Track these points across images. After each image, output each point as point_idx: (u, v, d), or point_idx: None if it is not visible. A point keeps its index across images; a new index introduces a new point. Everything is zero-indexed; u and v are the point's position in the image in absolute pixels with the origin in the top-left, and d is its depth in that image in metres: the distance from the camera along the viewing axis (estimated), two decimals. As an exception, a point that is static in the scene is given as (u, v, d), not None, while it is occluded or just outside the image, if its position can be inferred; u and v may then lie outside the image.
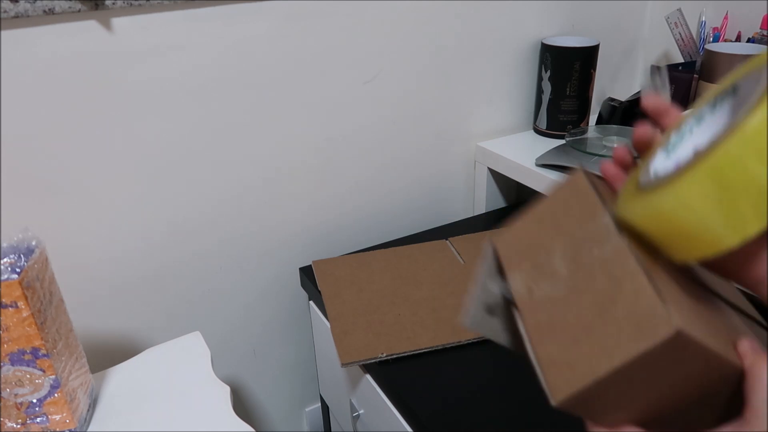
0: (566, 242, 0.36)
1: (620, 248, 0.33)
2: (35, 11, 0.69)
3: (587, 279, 0.34)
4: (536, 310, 0.36)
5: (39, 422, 0.64)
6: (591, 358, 0.31)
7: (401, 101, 1.02)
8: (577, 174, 0.39)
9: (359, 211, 1.07)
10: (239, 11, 0.82)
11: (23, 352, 0.59)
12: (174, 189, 0.88)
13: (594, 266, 0.34)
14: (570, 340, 0.33)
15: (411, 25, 0.96)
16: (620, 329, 0.30)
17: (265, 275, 1.02)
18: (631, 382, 0.31)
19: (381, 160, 1.04)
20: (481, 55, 1.05)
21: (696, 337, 0.29)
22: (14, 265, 0.57)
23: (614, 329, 0.31)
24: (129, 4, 0.74)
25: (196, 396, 0.73)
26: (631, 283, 0.31)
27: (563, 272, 0.35)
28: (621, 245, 0.33)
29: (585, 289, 0.33)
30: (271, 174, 0.95)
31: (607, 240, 0.34)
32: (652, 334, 0.29)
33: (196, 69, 0.82)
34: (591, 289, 0.33)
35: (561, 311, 0.34)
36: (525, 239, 0.39)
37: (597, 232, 0.35)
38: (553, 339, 0.34)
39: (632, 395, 0.32)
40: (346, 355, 0.77)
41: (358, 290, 0.90)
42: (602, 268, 0.33)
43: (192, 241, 0.93)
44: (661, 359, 0.29)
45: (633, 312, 0.30)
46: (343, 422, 1.00)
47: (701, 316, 0.32)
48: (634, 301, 0.30)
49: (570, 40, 1.06)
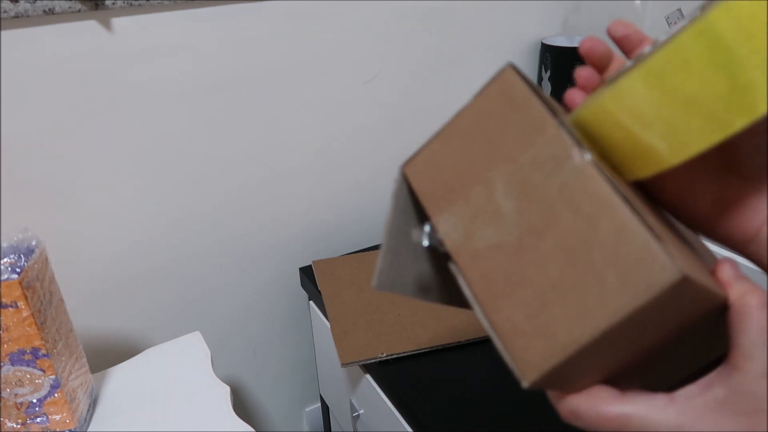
0: (508, 169, 0.28)
1: (584, 170, 0.25)
2: (35, 11, 0.69)
3: (545, 217, 0.26)
4: (481, 263, 0.28)
5: (39, 422, 0.64)
6: (567, 321, 0.25)
7: (401, 101, 1.02)
8: (504, 71, 0.30)
9: (359, 211, 1.07)
10: (239, 11, 0.82)
11: (23, 352, 0.59)
12: (174, 189, 0.88)
13: (552, 198, 0.26)
14: (535, 300, 0.26)
15: (411, 25, 0.96)
16: (602, 280, 0.24)
17: (265, 275, 1.02)
18: (614, 342, 0.25)
19: (381, 160, 1.04)
20: (481, 55, 1.05)
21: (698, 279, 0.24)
22: (14, 265, 0.57)
23: (593, 281, 0.24)
24: (129, 4, 0.74)
25: (196, 396, 0.73)
26: (608, 218, 0.24)
27: (511, 210, 0.27)
28: (584, 166, 0.25)
29: (544, 230, 0.26)
30: (271, 174, 0.95)
31: (564, 160, 0.26)
32: (649, 282, 0.23)
33: (195, 69, 0.82)
34: (553, 230, 0.26)
35: (516, 263, 0.27)
36: (449, 167, 0.30)
37: (548, 151, 0.27)
38: (512, 300, 0.26)
39: (612, 354, 0.26)
40: (346, 355, 0.77)
41: (358, 290, 0.90)
42: (564, 200, 0.26)
43: (192, 241, 0.93)
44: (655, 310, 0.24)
45: (617, 256, 0.24)
46: (343, 422, 1.00)
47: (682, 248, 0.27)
48: (617, 242, 0.24)
49: (570, 40, 1.06)
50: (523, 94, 0.28)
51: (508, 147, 0.28)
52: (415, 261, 0.34)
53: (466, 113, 0.30)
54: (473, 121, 0.30)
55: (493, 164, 0.29)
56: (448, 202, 0.30)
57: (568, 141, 0.26)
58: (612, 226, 0.24)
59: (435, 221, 0.30)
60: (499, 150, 0.29)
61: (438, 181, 0.30)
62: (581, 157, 0.26)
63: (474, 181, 0.29)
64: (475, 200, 0.29)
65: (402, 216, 0.33)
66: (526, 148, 0.28)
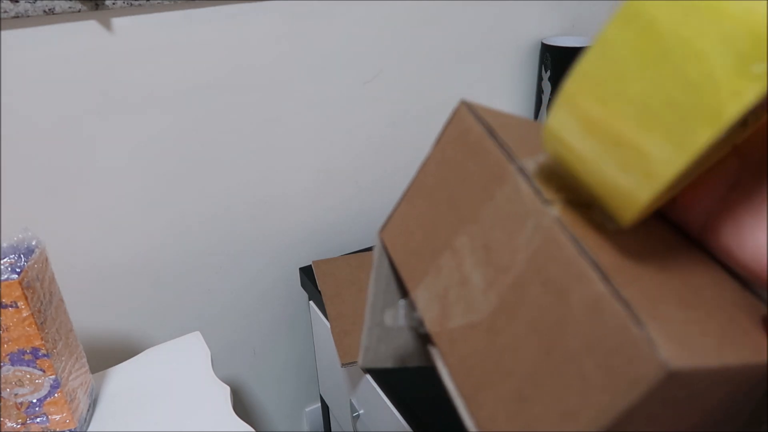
0: (472, 231, 0.23)
1: (548, 229, 0.20)
2: (35, 11, 0.69)
3: (514, 290, 0.21)
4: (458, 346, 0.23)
5: (39, 422, 0.64)
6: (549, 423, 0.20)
7: (401, 101, 1.02)
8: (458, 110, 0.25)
9: (359, 211, 1.07)
10: (239, 11, 0.82)
11: (23, 352, 0.59)
12: (174, 188, 0.88)
13: (518, 266, 0.21)
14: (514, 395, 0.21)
15: (411, 25, 0.96)
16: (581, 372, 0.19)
17: (265, 275, 1.02)
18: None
19: (381, 160, 1.04)
20: (481, 55, 1.05)
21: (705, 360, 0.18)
22: (14, 265, 0.57)
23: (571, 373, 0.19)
24: (129, 4, 0.74)
25: (196, 396, 0.73)
26: (580, 292, 0.19)
27: (479, 282, 0.22)
28: (547, 222, 0.20)
29: (515, 307, 0.21)
30: (271, 174, 0.95)
31: (525, 218, 0.21)
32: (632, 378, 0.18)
33: (195, 69, 0.82)
34: (523, 306, 0.21)
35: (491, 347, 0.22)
36: (419, 231, 0.25)
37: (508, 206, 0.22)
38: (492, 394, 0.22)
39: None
40: (346, 355, 0.77)
41: (358, 290, 0.90)
42: (532, 269, 0.20)
43: (192, 241, 0.93)
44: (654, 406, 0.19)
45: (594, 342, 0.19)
46: (343, 422, 1.00)
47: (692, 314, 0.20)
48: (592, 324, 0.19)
49: (570, 40, 1.06)
50: (479, 136, 0.23)
51: (470, 204, 0.23)
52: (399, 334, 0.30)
53: (428, 165, 0.25)
54: (435, 174, 0.25)
55: (459, 226, 0.23)
56: (422, 273, 0.25)
57: (528, 192, 0.21)
58: (584, 303, 0.19)
59: (413, 296, 0.25)
60: (463, 208, 0.24)
61: (411, 249, 0.26)
62: (544, 211, 0.20)
63: (443, 248, 0.24)
64: (446, 271, 0.24)
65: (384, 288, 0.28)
66: (486, 203, 0.23)
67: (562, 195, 0.21)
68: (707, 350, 0.19)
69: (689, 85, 0.17)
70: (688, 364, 0.17)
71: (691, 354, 0.18)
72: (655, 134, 0.18)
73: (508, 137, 0.23)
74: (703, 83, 0.16)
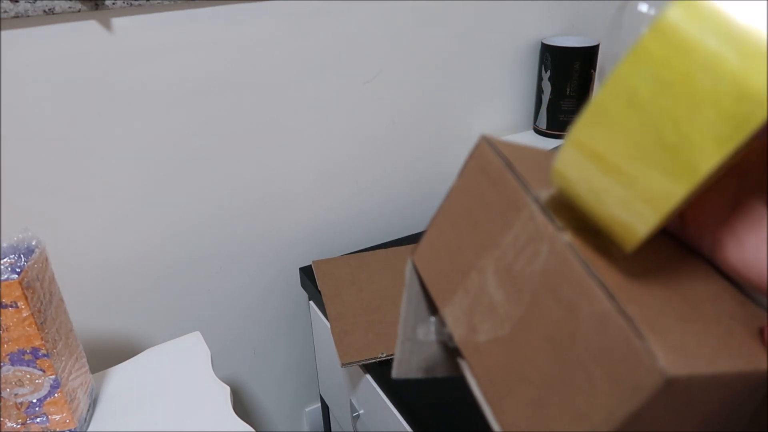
0: (495, 255, 0.26)
1: (561, 252, 0.23)
2: (35, 11, 0.69)
3: (532, 307, 0.24)
4: (484, 358, 0.26)
5: (39, 422, 0.64)
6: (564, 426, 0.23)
7: (401, 101, 1.02)
8: (479, 146, 0.28)
9: (359, 211, 1.07)
10: (240, 11, 0.82)
11: (23, 352, 0.59)
12: (174, 189, 0.88)
13: (536, 286, 0.24)
14: (533, 401, 0.23)
15: (411, 25, 0.96)
16: (590, 379, 0.21)
17: (265, 275, 1.02)
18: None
19: (381, 160, 1.04)
20: (481, 55, 1.05)
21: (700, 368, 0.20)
22: (14, 265, 0.57)
23: (582, 379, 0.22)
24: (129, 4, 0.74)
25: (196, 396, 0.73)
26: (588, 308, 0.22)
27: (501, 300, 0.25)
28: (561, 247, 0.23)
29: (532, 322, 0.24)
30: (271, 174, 0.95)
31: (540, 243, 0.24)
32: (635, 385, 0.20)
33: (196, 69, 0.82)
34: (539, 321, 0.23)
35: (513, 358, 0.25)
36: (448, 254, 0.29)
37: (526, 233, 0.25)
38: (514, 400, 0.24)
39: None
40: (346, 355, 0.77)
41: (358, 290, 0.90)
42: (546, 288, 0.23)
43: (192, 241, 0.93)
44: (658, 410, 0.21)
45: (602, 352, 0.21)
46: (343, 422, 1.00)
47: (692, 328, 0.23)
48: (600, 336, 0.21)
49: (570, 40, 1.06)
50: (498, 169, 0.26)
51: (492, 230, 0.26)
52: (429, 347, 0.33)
53: (453, 194, 0.29)
54: (459, 203, 0.28)
55: (482, 250, 0.27)
56: (451, 293, 0.28)
57: (542, 220, 0.24)
58: (593, 318, 0.22)
59: (443, 313, 0.28)
60: (485, 233, 0.27)
61: (440, 270, 0.29)
62: (557, 237, 0.23)
63: (469, 269, 0.27)
64: (472, 290, 0.27)
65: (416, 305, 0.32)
66: (506, 230, 0.26)
67: (572, 222, 0.24)
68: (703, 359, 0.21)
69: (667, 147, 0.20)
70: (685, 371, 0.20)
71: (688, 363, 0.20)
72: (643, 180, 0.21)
73: (524, 169, 0.26)
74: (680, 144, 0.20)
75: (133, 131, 0.81)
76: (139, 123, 0.81)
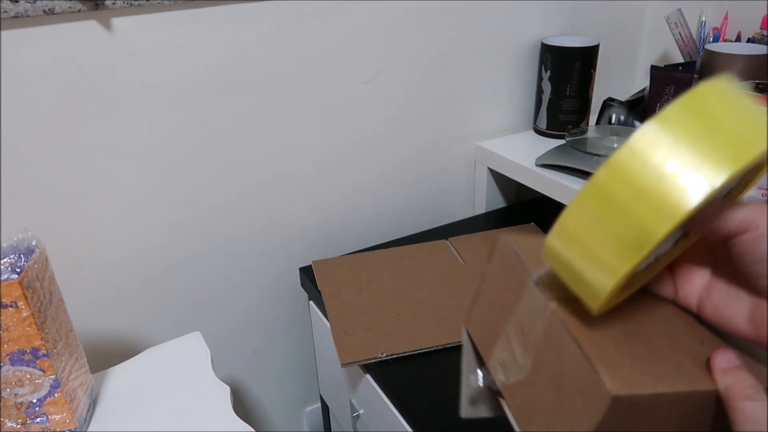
0: (514, 321, 0.35)
1: (551, 317, 0.32)
2: (35, 11, 0.69)
3: (539, 357, 0.33)
4: (515, 397, 0.35)
5: (39, 422, 0.64)
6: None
7: (401, 101, 1.02)
8: (501, 244, 0.38)
9: (359, 211, 1.07)
10: (240, 11, 0.82)
11: (23, 352, 0.59)
12: (174, 189, 0.88)
13: (540, 342, 0.33)
14: (546, 423, 0.32)
15: (411, 25, 0.96)
16: (574, 404, 0.30)
17: (265, 275, 1.02)
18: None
19: (381, 160, 1.04)
20: (481, 55, 1.05)
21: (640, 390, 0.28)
22: (14, 265, 0.57)
23: (570, 405, 0.30)
24: (129, 4, 0.74)
25: (196, 396, 0.73)
26: (568, 353, 0.31)
27: (521, 354, 0.35)
28: (549, 313, 0.32)
29: (540, 367, 0.33)
30: (271, 174, 0.95)
31: (538, 311, 0.33)
32: (596, 403, 0.28)
33: (196, 69, 0.82)
34: (544, 366, 0.33)
35: (531, 394, 0.34)
36: (487, 320, 0.39)
37: (530, 303, 0.34)
38: (535, 426, 0.33)
39: None
40: (346, 355, 0.77)
41: (358, 290, 0.90)
42: (546, 342, 0.33)
43: (192, 241, 0.93)
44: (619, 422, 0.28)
45: (580, 383, 0.30)
46: (343, 422, 1.00)
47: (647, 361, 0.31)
48: (575, 372, 0.30)
49: (570, 40, 1.06)
50: (511, 258, 0.36)
51: (510, 302, 0.36)
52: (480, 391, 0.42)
53: (486, 276, 0.39)
54: (490, 283, 0.39)
55: (506, 317, 0.36)
56: (491, 349, 0.38)
57: (538, 294, 0.33)
58: (571, 360, 0.30)
59: (489, 365, 0.38)
60: (507, 305, 0.36)
61: (483, 333, 0.39)
62: (547, 306, 0.33)
63: (500, 332, 0.37)
64: (503, 347, 0.36)
65: (469, 360, 0.42)
66: (518, 302, 0.35)
67: (559, 294, 0.33)
68: (643, 384, 0.29)
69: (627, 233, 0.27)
70: (626, 392, 0.28)
71: (629, 386, 0.28)
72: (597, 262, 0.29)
73: (527, 257, 0.36)
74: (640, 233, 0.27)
75: (133, 131, 0.82)
76: (139, 123, 0.81)
